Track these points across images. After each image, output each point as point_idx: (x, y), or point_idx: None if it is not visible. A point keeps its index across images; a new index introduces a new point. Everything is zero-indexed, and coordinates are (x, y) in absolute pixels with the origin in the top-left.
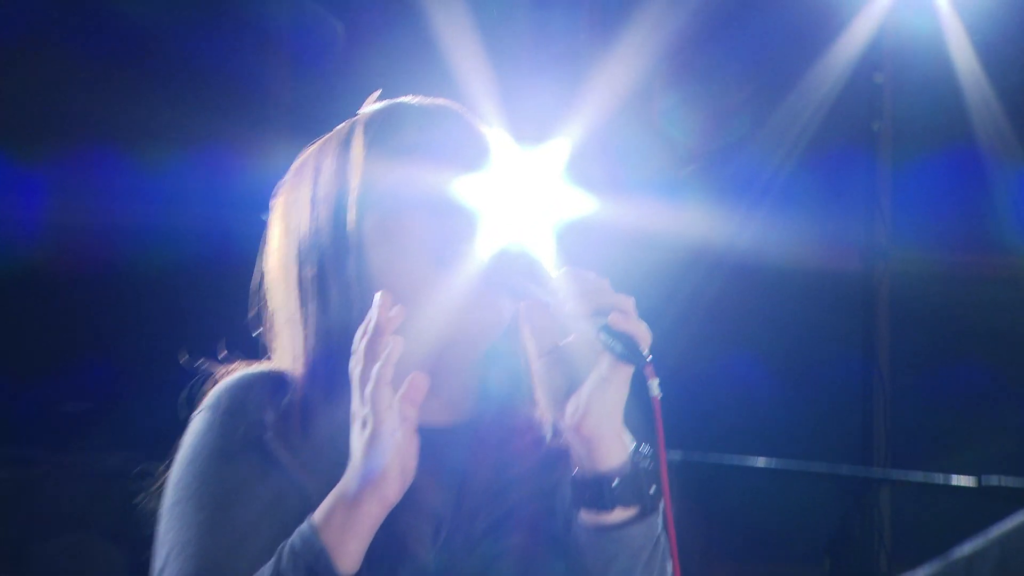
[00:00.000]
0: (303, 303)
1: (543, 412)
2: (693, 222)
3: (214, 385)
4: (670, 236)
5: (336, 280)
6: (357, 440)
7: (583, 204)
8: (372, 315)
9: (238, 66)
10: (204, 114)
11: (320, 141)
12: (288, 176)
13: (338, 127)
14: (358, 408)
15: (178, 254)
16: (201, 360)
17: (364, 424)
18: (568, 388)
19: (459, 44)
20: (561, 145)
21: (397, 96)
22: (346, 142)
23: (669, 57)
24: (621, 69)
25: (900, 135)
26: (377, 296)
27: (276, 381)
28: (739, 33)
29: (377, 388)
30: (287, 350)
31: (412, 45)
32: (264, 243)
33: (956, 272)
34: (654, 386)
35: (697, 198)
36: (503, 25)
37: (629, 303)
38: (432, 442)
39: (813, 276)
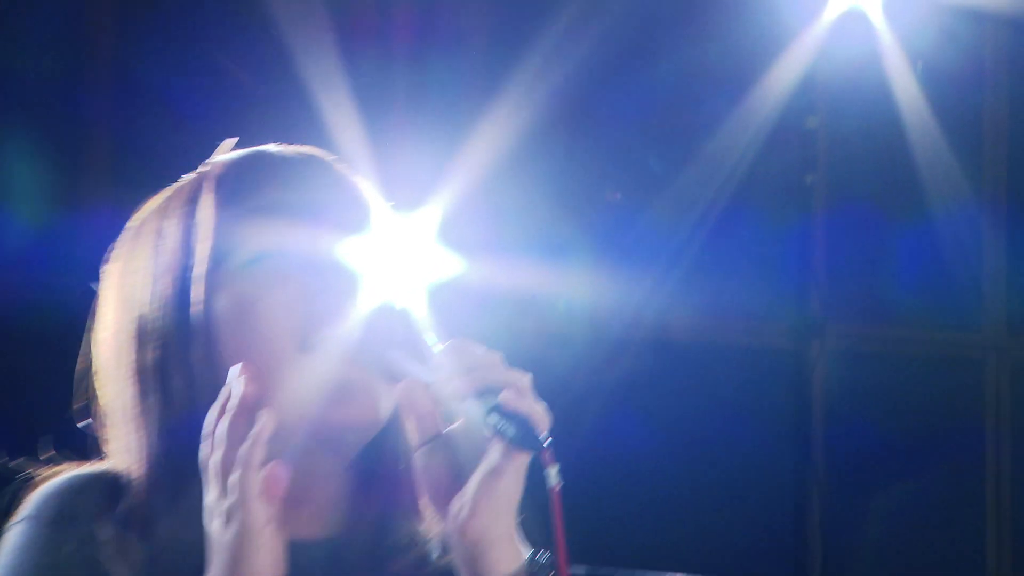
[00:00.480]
0: (142, 394)
1: (428, 523)
2: (595, 292)
3: (35, 490)
4: (567, 308)
5: (181, 368)
6: (220, 539)
7: (465, 270)
8: (230, 390)
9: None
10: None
11: (162, 196)
12: (124, 239)
13: (183, 179)
14: (217, 501)
15: None
16: (19, 459)
17: (229, 518)
18: (452, 482)
19: (331, 101)
20: (439, 206)
21: (254, 144)
22: (192, 201)
23: (563, 103)
24: (507, 121)
25: (837, 190)
26: (235, 368)
27: (111, 484)
28: (646, 73)
29: (246, 474)
30: (124, 448)
31: (280, 99)
32: (93, 320)
33: (903, 351)
34: (553, 474)
35: (599, 264)
36: (378, 84)
37: (524, 380)
38: (295, 561)
39: (736, 356)
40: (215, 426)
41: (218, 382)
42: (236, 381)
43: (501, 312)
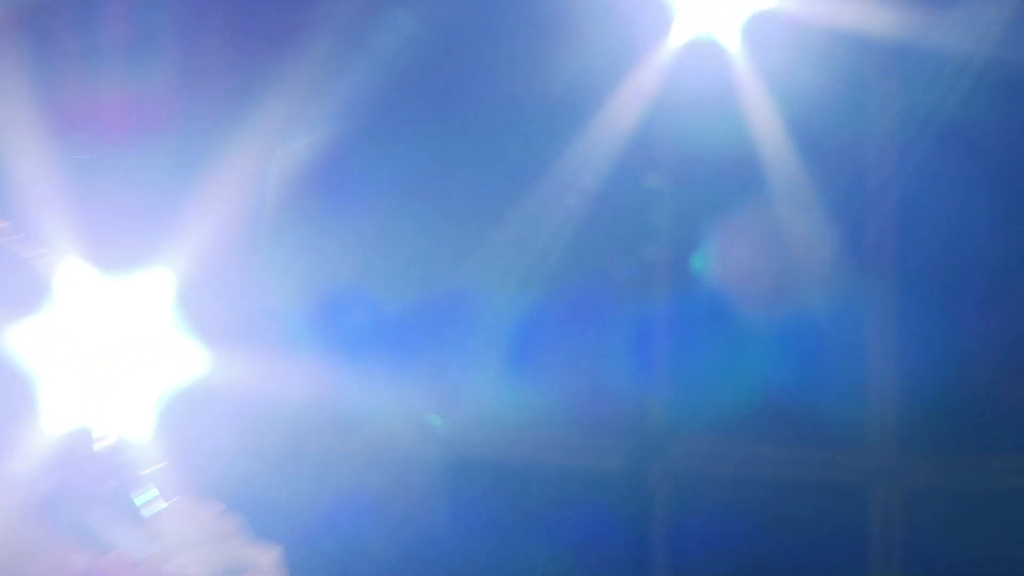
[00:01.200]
0: None
1: None
2: (375, 398)
3: None
4: (337, 420)
5: None
6: None
7: (201, 371)
8: None
9: None
10: None
11: None
12: None
13: None
14: None
15: None
16: None
17: None
18: None
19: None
20: (168, 280)
21: None
22: None
23: (339, 146)
24: (259, 173)
25: (685, 268)
26: None
27: None
28: (444, 115)
29: None
30: None
31: None
32: None
33: (764, 475)
34: None
35: (379, 361)
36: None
37: (270, 557)
38: None
39: (561, 479)
40: None
41: None
42: None
43: (246, 427)
